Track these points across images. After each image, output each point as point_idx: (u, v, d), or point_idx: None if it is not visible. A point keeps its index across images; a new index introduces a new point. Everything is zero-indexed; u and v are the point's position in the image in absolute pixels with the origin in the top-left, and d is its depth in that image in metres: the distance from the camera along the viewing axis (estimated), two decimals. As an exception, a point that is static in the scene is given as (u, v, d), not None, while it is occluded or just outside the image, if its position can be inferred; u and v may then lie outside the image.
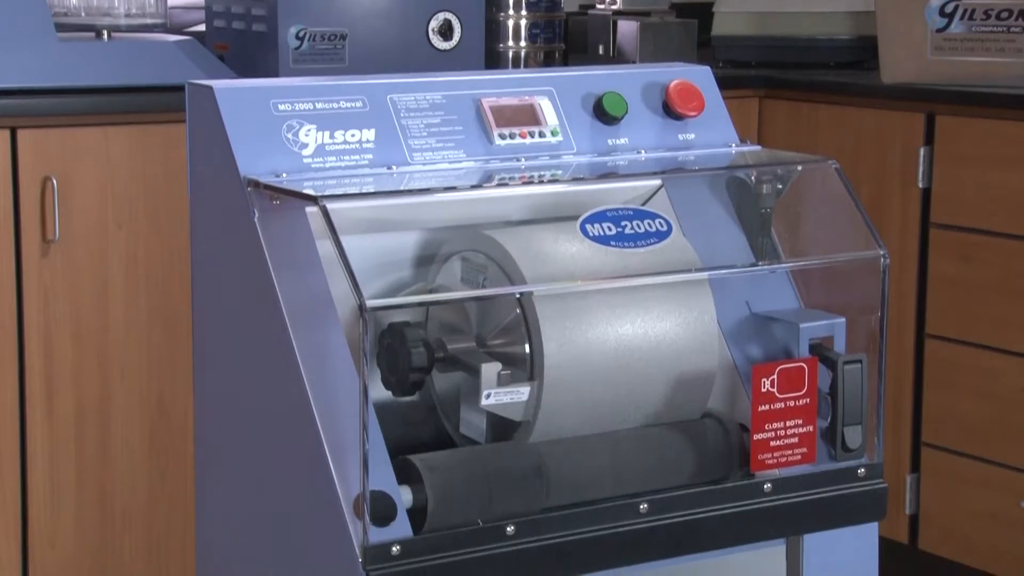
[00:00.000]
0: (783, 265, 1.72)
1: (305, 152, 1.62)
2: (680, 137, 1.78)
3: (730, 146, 1.80)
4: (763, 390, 1.60)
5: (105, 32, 2.99)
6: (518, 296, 1.58)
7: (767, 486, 1.62)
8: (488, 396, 1.55)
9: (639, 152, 1.76)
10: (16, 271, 2.89)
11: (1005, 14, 3.09)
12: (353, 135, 1.64)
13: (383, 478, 1.48)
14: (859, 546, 1.68)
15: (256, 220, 1.56)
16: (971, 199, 3.14)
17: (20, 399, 2.93)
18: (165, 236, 3.00)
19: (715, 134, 1.80)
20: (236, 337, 1.65)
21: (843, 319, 1.68)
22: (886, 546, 1.86)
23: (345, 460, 1.48)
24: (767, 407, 1.60)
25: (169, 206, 2.99)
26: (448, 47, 2.91)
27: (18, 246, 2.89)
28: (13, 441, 2.94)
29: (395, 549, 1.46)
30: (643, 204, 1.73)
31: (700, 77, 1.81)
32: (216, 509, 1.71)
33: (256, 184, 1.57)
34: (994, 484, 3.24)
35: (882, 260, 1.66)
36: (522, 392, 1.56)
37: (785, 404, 1.61)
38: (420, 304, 1.68)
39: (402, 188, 1.63)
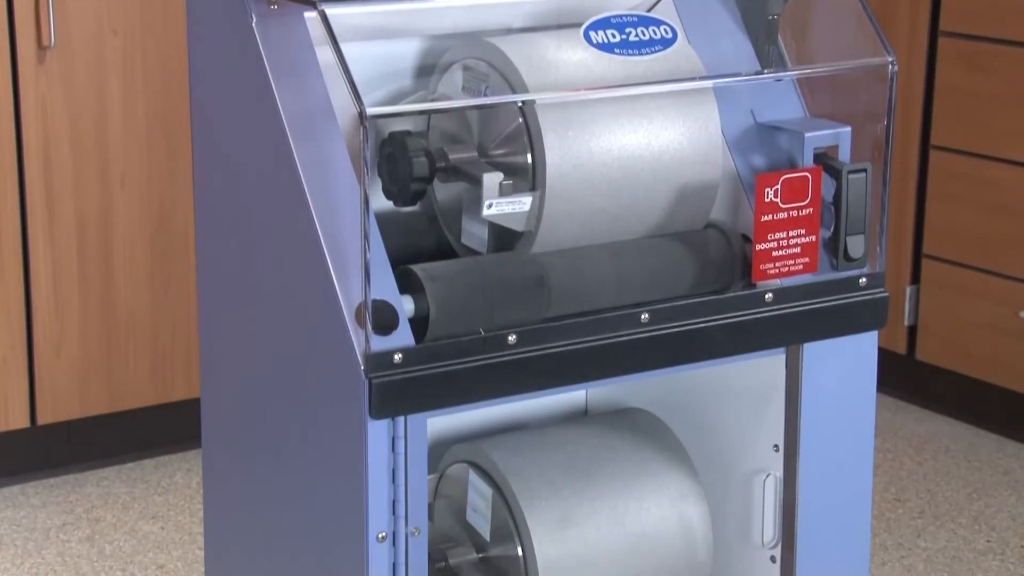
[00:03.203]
0: (789, 73, 1.70)
1: (303, -44, 1.58)
2: (686, -58, 1.75)
3: (737, -49, 1.76)
4: (766, 200, 1.59)
5: None
6: (520, 105, 1.56)
7: (768, 296, 1.62)
8: (490, 206, 1.54)
9: (644, -43, 1.72)
10: (12, 79, 2.86)
11: None
12: (352, -61, 1.61)
13: (385, 287, 1.48)
14: (858, 355, 1.69)
15: (254, 26, 1.54)
16: (980, 6, 3.09)
17: (21, 208, 2.93)
18: (162, 43, 2.96)
19: (722, -61, 1.76)
20: (236, 147, 1.64)
21: (848, 128, 1.66)
22: (884, 356, 1.88)
23: (347, 269, 1.48)
24: (770, 217, 1.60)
25: (165, 12, 2.95)
26: None
27: (13, 53, 2.86)
28: (15, 250, 2.94)
29: (397, 357, 1.47)
30: (648, 11, 1.70)
31: None
32: (219, 321, 1.72)
33: (253, -11, 1.54)
34: (994, 295, 3.25)
35: (889, 67, 1.64)
36: (524, 202, 1.56)
37: (788, 214, 1.60)
38: (421, 112, 1.66)
39: (402, -6, 1.60)
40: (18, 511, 2.99)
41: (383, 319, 1.47)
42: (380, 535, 1.49)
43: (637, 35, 1.56)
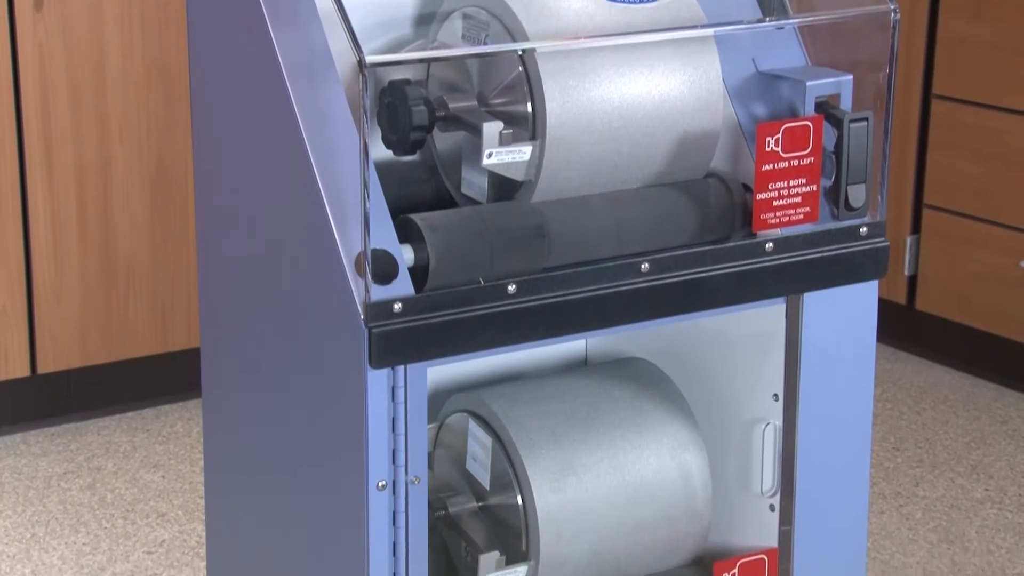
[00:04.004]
0: (790, 21, 1.69)
1: (301, -97, 1.57)
2: None
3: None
4: (767, 149, 1.59)
5: None
6: (520, 54, 1.56)
7: (769, 245, 1.62)
8: (490, 155, 1.54)
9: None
10: (10, 28, 2.85)
11: None
12: None
13: (385, 237, 1.48)
14: (858, 305, 1.69)
15: (252, -26, 1.53)
16: (983, -45, 3.08)
17: (19, 158, 2.93)
18: (161, -8, 2.95)
19: None
20: (234, 97, 1.63)
21: (850, 76, 1.65)
22: (884, 306, 1.88)
23: (346, 219, 1.48)
24: (771, 166, 1.59)
25: (164, -39, 2.93)
26: None
27: (11, 2, 2.84)
28: (15, 199, 2.94)
29: (397, 306, 1.47)
30: (648, -42, 1.69)
31: None
32: (218, 271, 1.72)
33: (251, -64, 1.53)
34: (994, 245, 3.25)
35: (891, 15, 1.63)
36: (524, 151, 1.55)
37: (789, 163, 1.60)
38: (421, 61, 1.66)
39: (401, -59, 1.59)
40: (19, 459, 3.00)
41: (383, 268, 1.47)
42: (380, 483, 1.49)
43: (638, -17, 1.55)
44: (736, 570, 1.68)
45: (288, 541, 1.64)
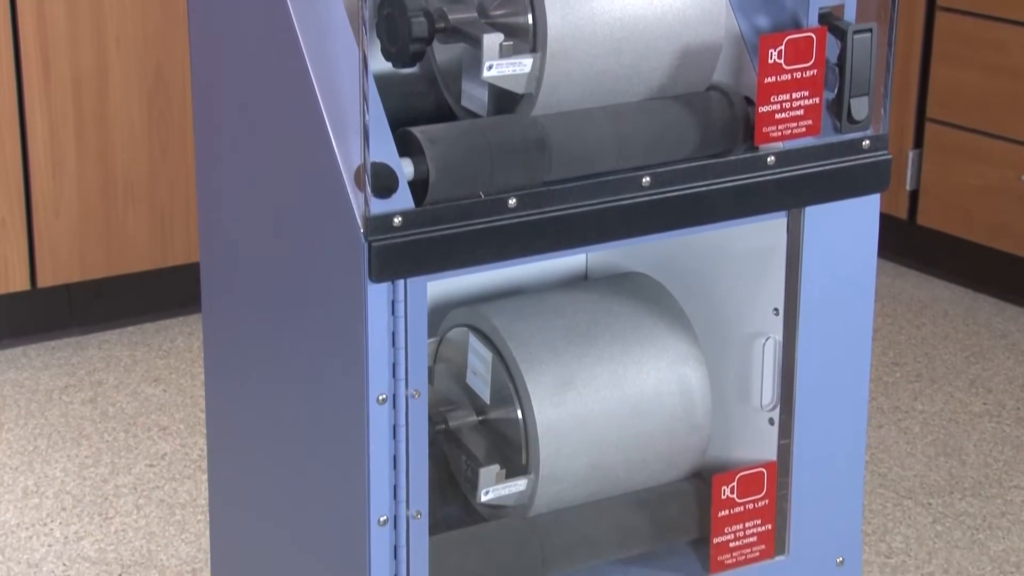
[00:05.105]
0: (795, -68, 1.67)
1: None
2: None
3: None
4: (770, 61, 1.57)
5: None
6: (521, -36, 1.54)
7: (770, 159, 1.61)
8: (490, 68, 1.52)
9: None
10: (5, -63, 2.82)
11: None
12: None
13: (384, 150, 1.47)
14: (860, 219, 1.69)
15: None
16: None
17: (16, 69, 2.90)
18: (157, -99, 2.91)
19: None
20: (231, 7, 1.61)
21: (854, -12, 1.64)
22: (885, 221, 1.87)
23: (346, 132, 1.47)
24: (773, 79, 1.58)
25: None
26: None
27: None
28: (12, 111, 2.92)
29: (396, 220, 1.46)
30: None
31: None
32: (217, 185, 1.71)
33: None
34: (996, 158, 3.24)
35: (897, -73, 1.61)
36: (524, 64, 1.54)
37: (792, 75, 1.59)
38: (420, -28, 1.63)
39: None
40: (20, 372, 3.01)
41: (382, 182, 1.46)
42: (380, 397, 1.49)
43: None
44: (735, 483, 1.69)
45: (289, 455, 1.64)
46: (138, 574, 2.39)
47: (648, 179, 1.56)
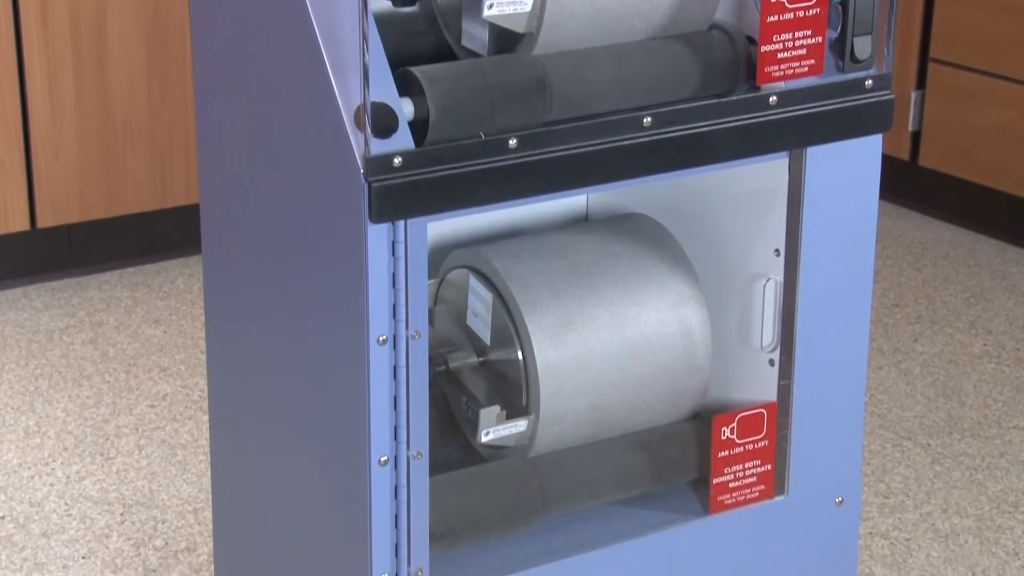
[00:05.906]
0: None
1: None
2: None
3: None
4: (772, 0, 1.56)
5: None
6: (521, -99, 1.52)
7: (772, 98, 1.61)
8: (490, 6, 1.51)
9: None
10: None
11: None
12: None
13: (384, 90, 1.46)
14: (861, 160, 1.68)
15: None
16: None
17: (14, 11, 2.89)
18: None
19: None
20: (230, -56, 1.60)
21: (858, -73, 1.62)
22: (887, 162, 1.87)
23: (345, 71, 1.46)
24: (776, 17, 1.57)
25: None
26: None
27: None
28: (10, 54, 2.91)
29: (396, 160, 1.46)
30: None
31: None
32: (216, 126, 1.70)
33: None
34: (999, 99, 3.22)
35: None
36: (525, 2, 1.53)
37: (794, 14, 1.57)
38: (420, -90, 1.62)
39: None
40: (21, 313, 3.01)
41: (382, 121, 1.45)
42: (381, 338, 1.49)
43: None
44: (735, 424, 1.69)
45: (289, 397, 1.64)
46: (139, 514, 2.41)
47: (649, 119, 1.56)
